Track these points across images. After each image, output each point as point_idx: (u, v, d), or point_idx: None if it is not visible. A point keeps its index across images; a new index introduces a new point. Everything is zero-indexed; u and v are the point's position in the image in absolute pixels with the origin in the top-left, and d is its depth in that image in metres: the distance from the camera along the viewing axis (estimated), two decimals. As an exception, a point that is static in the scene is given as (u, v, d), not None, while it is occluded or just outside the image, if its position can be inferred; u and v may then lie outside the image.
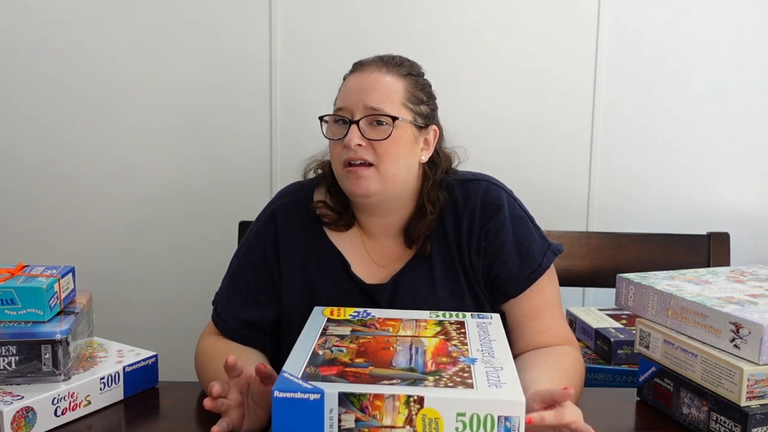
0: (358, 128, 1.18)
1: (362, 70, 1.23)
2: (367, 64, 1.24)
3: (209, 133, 1.90)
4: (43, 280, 1.11)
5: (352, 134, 1.17)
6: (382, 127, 1.18)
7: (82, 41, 1.87)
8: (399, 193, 1.23)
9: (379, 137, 1.18)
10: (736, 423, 0.98)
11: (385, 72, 1.22)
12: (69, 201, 1.93)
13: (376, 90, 1.19)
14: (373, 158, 1.18)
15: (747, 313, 1.00)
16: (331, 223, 1.27)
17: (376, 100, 1.18)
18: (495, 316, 1.07)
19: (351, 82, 1.23)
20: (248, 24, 1.85)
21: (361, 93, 1.19)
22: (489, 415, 0.76)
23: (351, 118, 1.19)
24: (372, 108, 1.18)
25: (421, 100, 1.24)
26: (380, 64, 1.23)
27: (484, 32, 1.85)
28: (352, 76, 1.24)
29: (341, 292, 1.24)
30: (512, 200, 1.27)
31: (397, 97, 1.20)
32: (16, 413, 1.00)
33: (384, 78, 1.21)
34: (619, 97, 1.86)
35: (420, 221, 1.24)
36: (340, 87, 1.27)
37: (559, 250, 1.27)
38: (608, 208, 1.90)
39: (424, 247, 1.24)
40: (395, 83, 1.21)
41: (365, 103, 1.18)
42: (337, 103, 1.23)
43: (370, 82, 1.20)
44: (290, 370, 0.83)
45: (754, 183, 1.89)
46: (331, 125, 1.23)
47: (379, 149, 1.18)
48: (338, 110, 1.21)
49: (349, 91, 1.22)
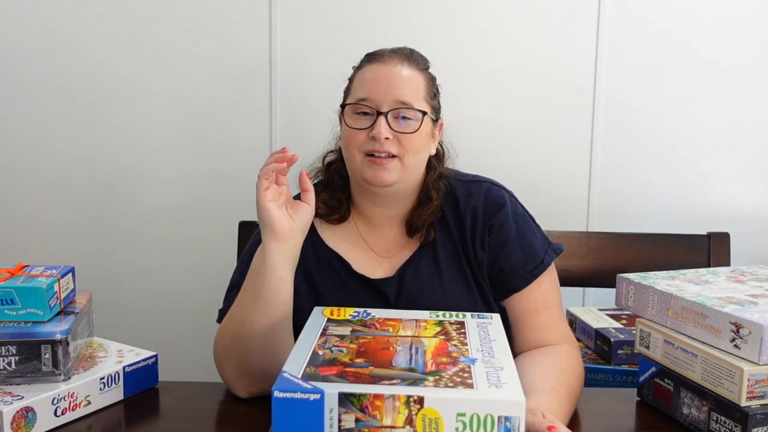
0: (387, 120, 1.19)
1: (383, 62, 1.23)
2: (387, 55, 1.24)
3: (209, 133, 1.90)
4: (43, 280, 1.11)
5: (381, 127, 1.18)
6: (409, 121, 1.20)
7: (82, 42, 1.87)
8: (411, 183, 1.25)
9: (406, 131, 1.19)
10: (736, 423, 0.98)
11: (407, 65, 1.23)
12: (69, 201, 1.93)
13: (405, 85, 1.20)
14: (398, 150, 1.20)
15: (747, 313, 1.00)
16: (324, 215, 1.28)
17: (405, 94, 1.20)
18: (495, 316, 1.07)
19: (372, 73, 1.22)
20: (248, 24, 1.85)
21: (388, 86, 1.20)
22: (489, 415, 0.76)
23: (378, 109, 1.19)
24: (402, 102, 1.19)
25: (435, 94, 1.27)
26: (401, 57, 1.24)
27: (483, 32, 1.85)
28: (372, 67, 1.23)
29: (346, 291, 1.24)
30: (514, 200, 1.30)
31: (421, 92, 1.22)
32: (16, 413, 1.00)
33: (409, 72, 1.22)
34: (619, 98, 1.86)
35: (423, 209, 1.26)
36: (354, 77, 1.26)
37: (560, 249, 1.28)
38: (608, 208, 1.90)
39: (428, 235, 1.25)
40: (418, 77, 1.23)
41: (395, 96, 1.19)
42: (358, 93, 1.22)
43: (396, 75, 1.21)
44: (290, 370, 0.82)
45: (754, 183, 1.89)
46: (352, 114, 1.22)
47: (405, 142, 1.20)
48: (362, 100, 1.21)
49: (373, 82, 1.21)
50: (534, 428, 0.91)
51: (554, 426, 0.92)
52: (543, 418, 0.94)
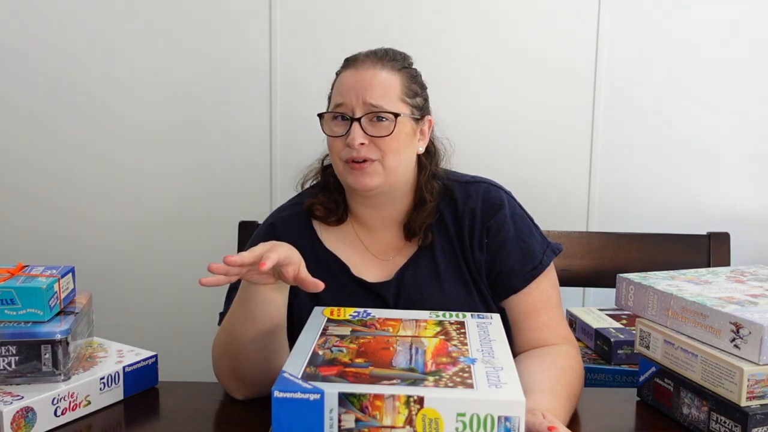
0: (360, 126, 1.18)
1: (357, 66, 1.22)
2: (360, 59, 1.23)
3: (209, 133, 1.90)
4: (43, 280, 1.11)
5: (355, 133, 1.18)
6: (383, 123, 1.19)
7: (81, 42, 1.87)
8: (398, 184, 1.24)
9: (381, 134, 1.18)
10: (736, 423, 0.98)
11: (380, 67, 1.22)
12: (69, 201, 1.93)
13: (375, 87, 1.19)
14: (376, 154, 1.19)
15: (747, 313, 1.00)
16: (322, 217, 1.28)
17: (375, 96, 1.19)
18: (495, 316, 1.07)
19: (347, 78, 1.22)
20: (248, 24, 1.85)
21: (359, 90, 1.19)
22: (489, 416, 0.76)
23: (352, 115, 1.19)
24: (372, 105, 1.18)
25: (416, 92, 1.25)
26: (374, 59, 1.23)
27: (483, 32, 1.85)
28: (347, 72, 1.23)
29: (345, 294, 1.24)
30: (512, 200, 1.29)
31: (395, 93, 1.21)
32: (16, 413, 0.99)
33: (381, 74, 1.21)
34: (619, 97, 1.86)
35: (419, 211, 1.25)
36: (334, 83, 1.26)
37: (559, 249, 1.28)
38: (608, 208, 1.90)
39: (425, 238, 1.25)
40: (392, 78, 1.22)
41: (365, 99, 1.18)
42: (334, 99, 1.23)
43: (368, 78, 1.20)
44: (290, 370, 0.82)
45: (754, 183, 1.89)
46: (329, 122, 1.22)
47: (381, 145, 1.19)
48: (337, 106, 1.21)
49: (347, 87, 1.21)
50: (534, 428, 0.91)
51: (554, 426, 0.91)
52: (543, 418, 0.94)
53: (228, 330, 1.15)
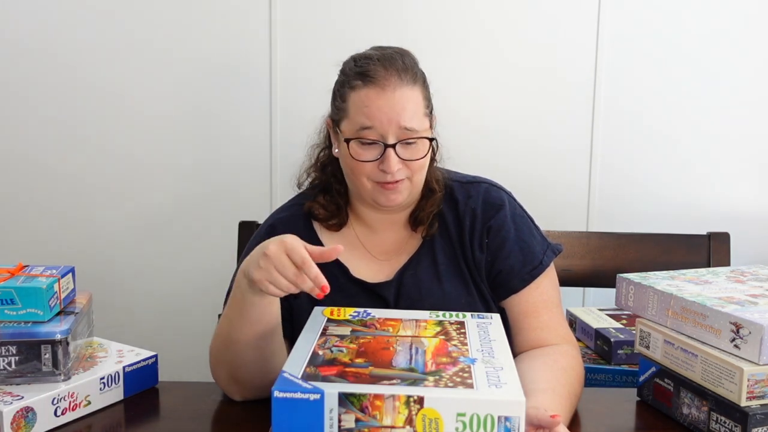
0: (395, 152, 1.16)
1: (380, 85, 1.15)
2: (381, 76, 1.16)
3: (209, 133, 1.90)
4: (43, 280, 1.11)
5: (392, 161, 1.15)
6: (416, 146, 1.18)
7: (81, 43, 1.87)
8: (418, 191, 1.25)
9: (415, 157, 1.18)
10: (736, 423, 0.98)
11: (404, 84, 1.17)
12: (69, 201, 1.93)
13: (406, 109, 1.16)
14: (407, 173, 1.19)
15: (747, 313, 1.00)
16: (323, 220, 1.27)
17: (407, 119, 1.16)
18: (495, 316, 1.07)
19: (371, 99, 1.15)
20: (248, 24, 1.85)
21: (391, 114, 1.15)
22: (489, 416, 0.76)
23: (384, 141, 1.16)
24: (407, 129, 1.16)
25: (430, 97, 1.23)
26: (396, 76, 1.16)
27: (483, 32, 1.85)
28: (370, 91, 1.16)
29: (345, 296, 1.23)
30: (513, 201, 1.29)
31: (421, 109, 1.19)
32: (16, 413, 0.99)
33: (407, 92, 1.17)
34: (619, 98, 1.86)
35: (428, 201, 1.25)
36: (347, 95, 1.18)
37: (559, 250, 1.28)
38: (608, 208, 1.90)
39: (431, 227, 1.25)
40: (416, 94, 1.18)
41: (400, 124, 1.15)
42: (358, 120, 1.16)
43: (397, 100, 1.15)
44: (290, 371, 0.83)
45: (754, 183, 1.89)
46: (356, 146, 1.17)
47: (412, 165, 1.18)
48: (364, 129, 1.16)
49: (375, 110, 1.15)
50: (536, 420, 0.91)
51: (557, 414, 0.92)
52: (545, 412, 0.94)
53: (224, 336, 1.13)
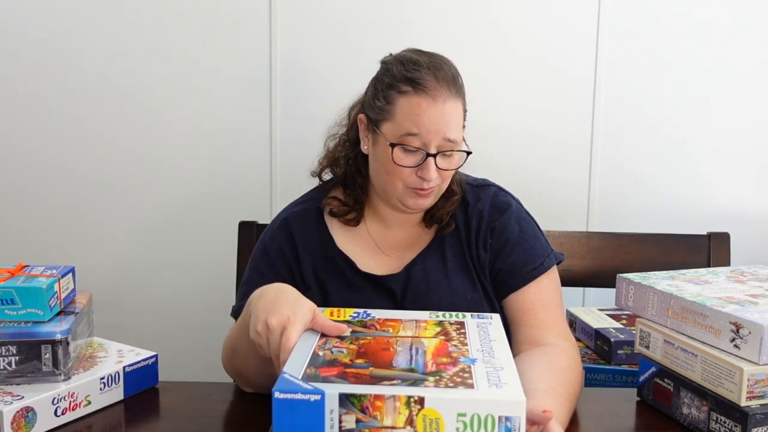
0: (435, 162, 1.18)
1: (432, 95, 1.16)
2: (433, 86, 1.17)
3: (209, 133, 1.90)
4: (43, 280, 1.11)
5: (431, 170, 1.17)
6: (453, 158, 1.21)
7: (82, 43, 1.87)
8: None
9: (450, 167, 1.21)
10: (736, 423, 0.98)
11: (453, 97, 1.18)
12: (69, 201, 1.93)
13: (453, 122, 1.18)
14: (439, 181, 1.21)
15: (747, 313, 1.00)
16: (339, 214, 1.29)
17: (452, 130, 1.18)
18: (495, 317, 1.07)
19: (423, 108, 1.16)
20: (248, 24, 1.85)
21: (440, 125, 1.16)
22: (489, 416, 0.76)
23: (427, 150, 1.17)
24: (449, 140, 1.18)
25: (466, 110, 1.24)
26: (446, 87, 1.17)
27: (483, 32, 1.85)
28: (422, 100, 1.16)
29: (353, 290, 1.25)
30: (519, 206, 1.32)
31: (461, 121, 1.22)
32: (16, 413, 1.00)
33: (455, 105, 1.19)
34: (619, 97, 1.86)
35: (446, 201, 1.28)
36: (394, 99, 1.18)
37: (561, 259, 1.30)
38: (608, 208, 1.90)
39: (447, 226, 1.28)
40: (459, 107, 1.20)
41: (444, 135, 1.17)
42: (405, 126, 1.17)
43: (446, 112, 1.17)
44: (290, 371, 0.82)
45: (754, 183, 1.89)
46: (399, 151, 1.18)
47: (445, 175, 1.21)
48: (409, 135, 1.17)
49: (425, 120, 1.16)
50: (529, 416, 0.91)
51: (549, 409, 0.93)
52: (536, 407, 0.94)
53: (232, 344, 1.15)
